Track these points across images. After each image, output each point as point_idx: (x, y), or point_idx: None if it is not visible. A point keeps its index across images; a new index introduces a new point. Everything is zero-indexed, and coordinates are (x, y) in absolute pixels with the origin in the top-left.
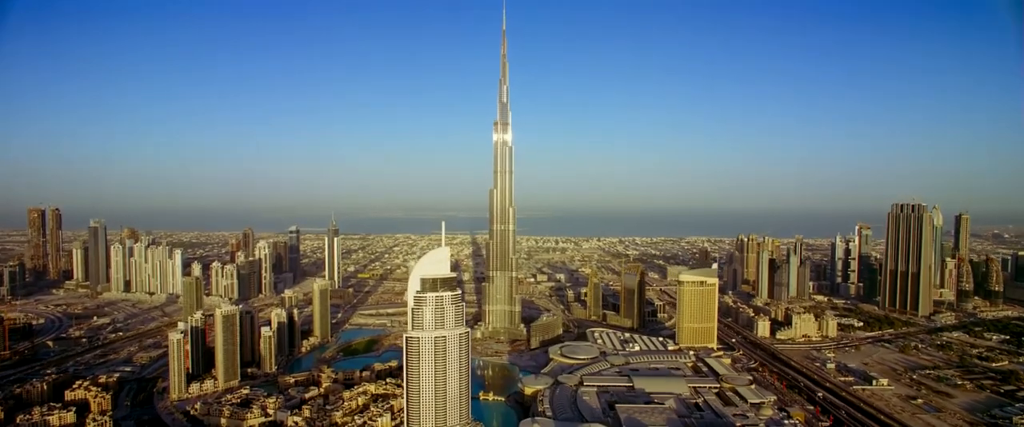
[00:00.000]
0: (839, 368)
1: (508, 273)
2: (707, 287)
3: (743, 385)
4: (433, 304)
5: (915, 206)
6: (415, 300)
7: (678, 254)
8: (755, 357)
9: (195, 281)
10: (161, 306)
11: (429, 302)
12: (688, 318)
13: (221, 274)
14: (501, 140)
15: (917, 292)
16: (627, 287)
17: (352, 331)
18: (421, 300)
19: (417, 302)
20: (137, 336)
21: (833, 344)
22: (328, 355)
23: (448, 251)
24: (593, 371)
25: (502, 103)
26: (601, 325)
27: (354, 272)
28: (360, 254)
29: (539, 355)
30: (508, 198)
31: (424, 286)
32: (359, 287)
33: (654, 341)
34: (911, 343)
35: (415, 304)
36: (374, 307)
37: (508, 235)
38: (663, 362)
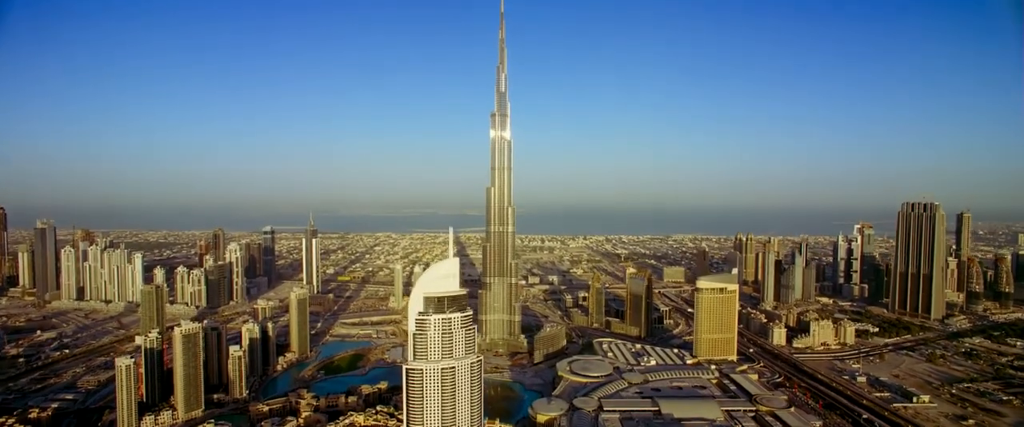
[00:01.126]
0: (871, 381)
1: (507, 279)
2: (727, 294)
3: (781, 408)
4: (440, 328)
5: (927, 205)
6: (417, 324)
7: (669, 254)
8: (777, 369)
9: (155, 290)
10: (118, 316)
11: (435, 326)
12: (707, 328)
13: (187, 279)
14: (499, 133)
15: (929, 294)
16: (633, 293)
17: (334, 344)
18: (424, 324)
19: (420, 326)
20: (86, 354)
21: (855, 353)
22: (307, 374)
23: (457, 263)
24: (610, 392)
25: (500, 92)
26: (605, 334)
27: (334, 275)
28: (339, 255)
29: (544, 371)
30: (507, 197)
31: (428, 306)
32: (339, 291)
33: (669, 354)
34: (936, 351)
35: (417, 328)
36: (357, 315)
37: (507, 237)
38: (685, 379)
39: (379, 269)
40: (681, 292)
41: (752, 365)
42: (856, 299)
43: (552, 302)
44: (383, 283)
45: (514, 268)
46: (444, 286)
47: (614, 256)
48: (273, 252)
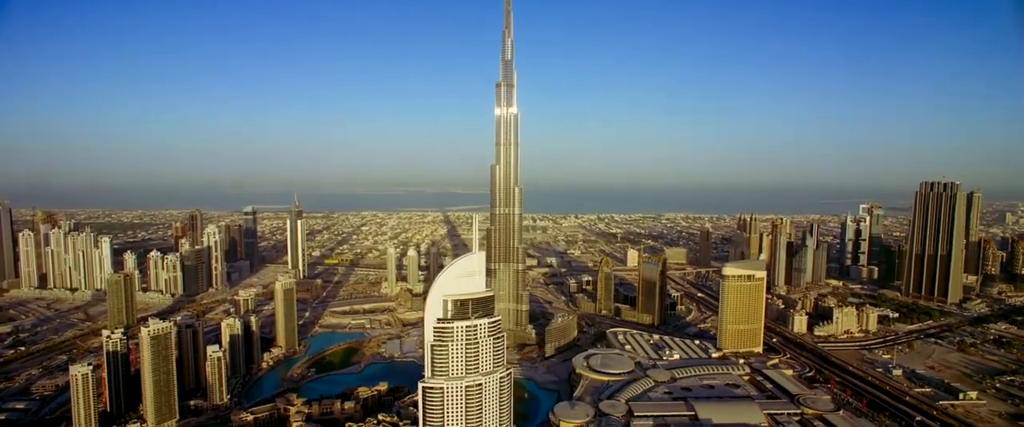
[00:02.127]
0: (907, 375)
1: (513, 266)
2: (754, 282)
3: (828, 411)
4: (464, 338)
5: (947, 185)
6: (436, 333)
7: (664, 233)
8: (806, 362)
9: (124, 280)
10: (85, 306)
11: (458, 336)
12: (732, 318)
13: (161, 265)
14: (505, 106)
15: (946, 277)
16: (646, 278)
17: (324, 336)
18: (445, 333)
19: (440, 336)
20: (46, 352)
21: (881, 341)
22: (297, 372)
23: (482, 259)
24: (637, 393)
25: (506, 61)
26: (616, 322)
27: (320, 257)
28: (325, 235)
29: (557, 365)
30: (514, 176)
31: (451, 311)
32: (327, 276)
33: (691, 345)
34: (966, 339)
35: (436, 339)
36: (347, 302)
37: (513, 220)
38: (715, 376)
39: (367, 250)
40: (685, 275)
41: (779, 357)
42: (865, 282)
43: (553, 286)
44: (373, 266)
45: (520, 253)
46: (468, 286)
47: (609, 236)
48: (255, 234)
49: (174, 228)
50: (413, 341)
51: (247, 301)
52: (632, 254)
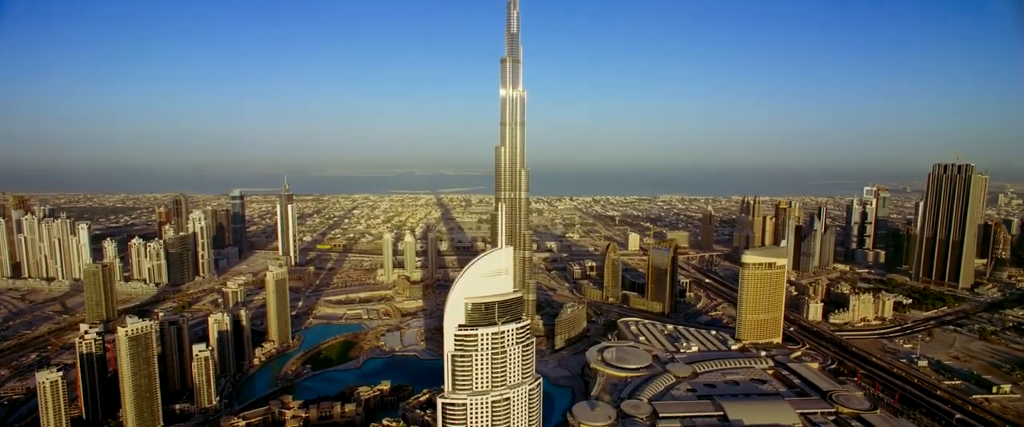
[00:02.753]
0: (933, 366)
1: (520, 252)
2: (775, 270)
3: (865, 410)
4: (490, 347)
5: (961, 167)
6: (458, 341)
7: (662, 216)
8: (825, 352)
9: (102, 270)
10: (62, 297)
11: (483, 344)
12: (752, 308)
13: (144, 253)
14: (510, 83)
15: (958, 261)
16: (656, 265)
17: (319, 328)
18: (469, 341)
19: (462, 345)
20: (18, 348)
21: (899, 329)
22: (291, 369)
23: (509, 256)
24: (658, 391)
25: (511, 34)
26: (624, 311)
27: (311, 242)
28: (316, 219)
29: (568, 359)
30: (520, 158)
31: (474, 315)
32: (320, 262)
33: (708, 336)
34: (986, 327)
35: (458, 348)
36: (342, 290)
37: (520, 204)
38: (738, 371)
39: (361, 235)
40: (689, 260)
41: (801, 349)
42: (871, 265)
43: (555, 272)
44: (367, 252)
45: (527, 239)
46: (493, 287)
47: (607, 219)
48: (243, 219)
49: (158, 213)
50: (413, 333)
51: (236, 293)
52: (634, 238)
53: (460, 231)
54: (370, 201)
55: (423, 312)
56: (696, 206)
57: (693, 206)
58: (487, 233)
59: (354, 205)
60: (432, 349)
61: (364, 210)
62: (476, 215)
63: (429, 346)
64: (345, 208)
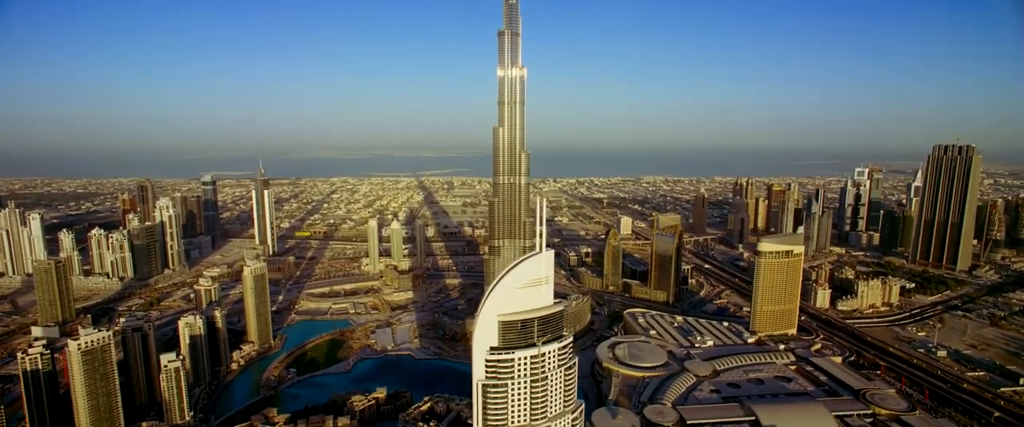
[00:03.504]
0: (952, 356)
1: (520, 242)
2: (792, 258)
3: (903, 410)
4: (528, 373)
5: (962, 148)
6: (490, 368)
7: (648, 197)
8: (840, 342)
9: (56, 266)
10: (12, 295)
11: (520, 370)
12: (767, 299)
13: (106, 245)
14: (509, 59)
15: (956, 244)
16: (660, 252)
17: (302, 325)
18: (503, 367)
19: (496, 372)
20: None
21: (908, 316)
22: (273, 374)
23: (549, 261)
24: (680, 392)
25: (509, 4)
26: (627, 300)
27: (290, 229)
28: (293, 205)
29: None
30: (520, 139)
31: (509, 335)
32: (300, 251)
33: (720, 328)
34: (995, 312)
35: (490, 375)
36: (325, 281)
37: (519, 190)
38: (760, 368)
39: (341, 221)
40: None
41: (818, 340)
42: (865, 248)
43: None
44: (350, 239)
45: (529, 228)
46: (531, 299)
47: (593, 201)
48: (216, 205)
49: (121, 200)
50: (406, 329)
51: (209, 291)
52: (626, 221)
53: (445, 215)
54: (349, 184)
55: (414, 305)
56: (681, 187)
57: (678, 187)
58: (474, 217)
59: (333, 189)
60: (427, 347)
61: (343, 194)
62: (460, 198)
63: (424, 344)
64: (323, 192)
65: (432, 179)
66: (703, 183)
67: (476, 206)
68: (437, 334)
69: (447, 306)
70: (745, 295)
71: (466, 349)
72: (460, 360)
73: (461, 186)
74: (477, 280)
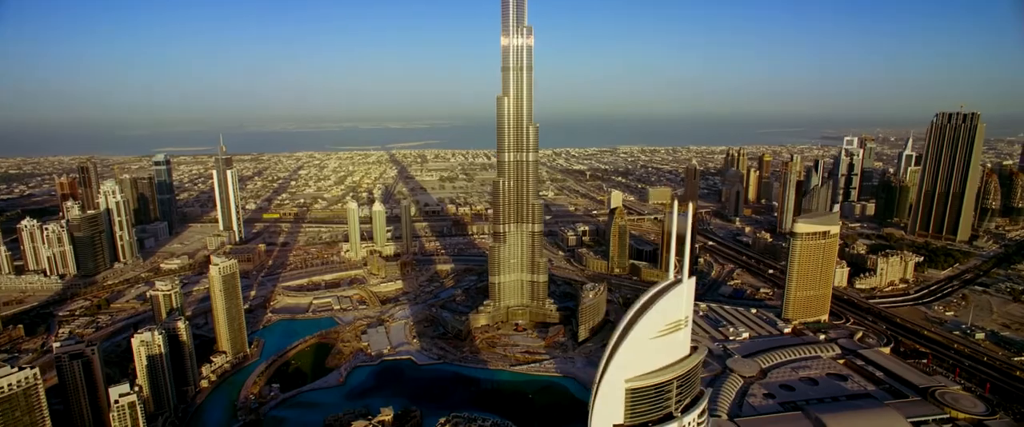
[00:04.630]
0: (990, 337)
1: (528, 226)
2: (828, 241)
3: (982, 414)
4: None
5: (967, 116)
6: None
7: (631, 169)
8: (871, 326)
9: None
10: None
11: None
12: (801, 284)
13: (41, 238)
14: (515, 18)
15: (957, 214)
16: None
17: (280, 325)
18: None
19: None
20: None
21: (928, 294)
22: (253, 391)
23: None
24: (732, 398)
25: None
26: (638, 284)
27: (256, 211)
28: (258, 183)
29: (596, 353)
30: (527, 110)
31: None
32: (270, 236)
33: (749, 316)
34: (1015, 287)
35: None
36: (302, 271)
37: (527, 169)
38: (809, 364)
39: (313, 200)
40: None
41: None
42: (859, 218)
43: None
44: (324, 221)
45: (537, 211)
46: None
47: (576, 173)
48: (171, 187)
49: (58, 184)
50: (402, 327)
51: (170, 296)
52: (616, 195)
53: (423, 192)
54: (316, 160)
55: (406, 297)
56: (659, 157)
57: (656, 157)
58: (454, 193)
59: (298, 164)
60: (429, 348)
61: (311, 170)
62: (436, 172)
63: (424, 344)
64: (289, 168)
65: (404, 152)
66: (679, 152)
67: (454, 181)
68: (437, 332)
69: (443, 297)
70: (756, 274)
71: (472, 349)
72: (469, 364)
73: (435, 159)
74: (469, 264)
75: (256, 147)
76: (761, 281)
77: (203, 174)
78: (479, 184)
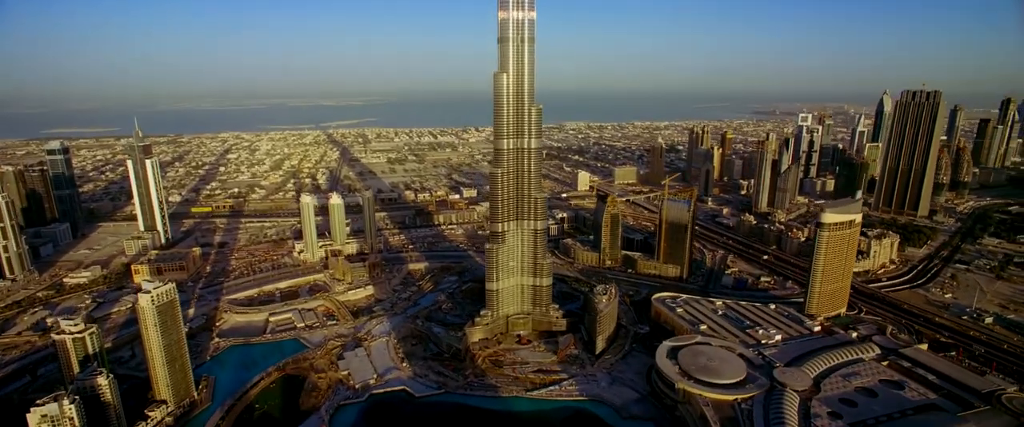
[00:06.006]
0: (999, 322)
1: (530, 224)
2: (852, 230)
3: None
4: None
5: (930, 94)
6: None
7: (584, 147)
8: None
9: None
10: None
11: None
12: (827, 276)
13: None
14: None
15: (919, 190)
16: (671, 220)
17: (233, 353)
18: None
19: None
20: None
21: (918, 275)
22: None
23: None
24: (795, 421)
25: None
26: (633, 278)
27: (183, 204)
28: (179, 169)
29: (619, 368)
30: (529, 89)
31: None
32: (202, 235)
33: (770, 312)
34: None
35: None
36: (250, 281)
37: (529, 157)
38: (858, 371)
39: (248, 189)
40: (654, 201)
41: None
42: (821, 195)
43: None
44: (266, 214)
45: (540, 206)
46: None
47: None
48: (72, 180)
49: None
50: (383, 345)
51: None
52: (583, 176)
53: (373, 176)
54: (245, 141)
55: (381, 306)
56: (608, 134)
57: (605, 134)
58: (408, 177)
59: (226, 147)
60: (424, 373)
61: (241, 154)
62: (382, 154)
63: (416, 368)
64: (215, 152)
65: (342, 132)
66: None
67: (404, 163)
68: (428, 351)
69: (425, 306)
70: (750, 261)
71: (476, 372)
72: (477, 392)
73: (377, 139)
74: (444, 262)
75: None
76: (757, 268)
77: (111, 160)
78: (432, 165)
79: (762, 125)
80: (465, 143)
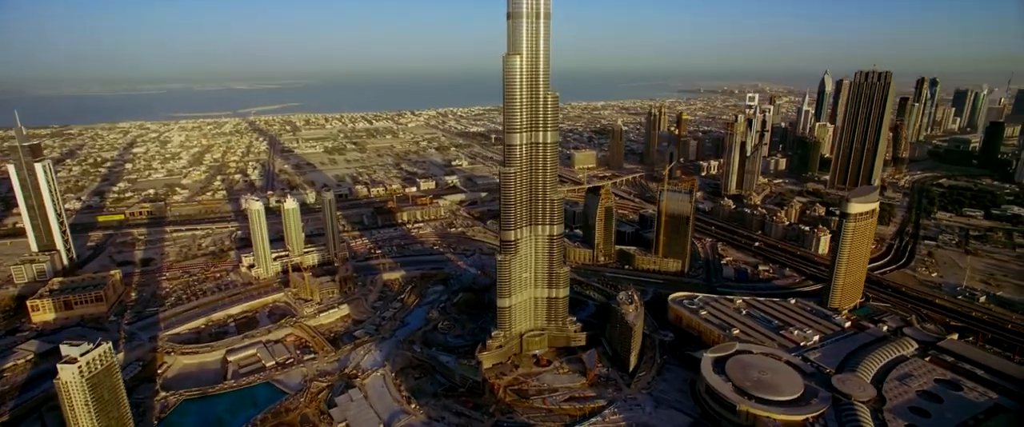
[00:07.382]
0: (992, 300)
1: (545, 230)
2: (873, 219)
3: None
4: None
5: (882, 74)
6: None
7: None
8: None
9: None
10: None
11: None
12: (851, 270)
13: None
14: None
15: (871, 168)
16: (671, 212)
17: (189, 411)
18: None
19: None
20: None
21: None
22: None
23: None
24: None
25: None
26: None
27: (85, 212)
28: (74, 168)
29: (658, 386)
30: (544, 75)
31: None
32: (119, 252)
33: (793, 309)
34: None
35: None
36: (192, 308)
37: (545, 153)
38: (904, 369)
39: (168, 189)
40: (618, 185)
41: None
42: (775, 174)
43: (492, 221)
44: (195, 220)
45: (556, 209)
46: None
47: (477, 136)
48: None
49: None
50: (380, 381)
51: None
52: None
53: (313, 169)
54: (151, 131)
55: (363, 329)
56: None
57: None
58: (354, 169)
59: (129, 140)
60: (439, 416)
61: (150, 147)
62: (317, 143)
63: (431, 411)
64: (116, 145)
65: (266, 119)
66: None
67: (343, 152)
68: (437, 386)
69: (417, 326)
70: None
71: (501, 408)
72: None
73: (307, 126)
74: (422, 268)
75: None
76: (749, 255)
77: None
78: (375, 154)
79: (693, 103)
80: (404, 128)
